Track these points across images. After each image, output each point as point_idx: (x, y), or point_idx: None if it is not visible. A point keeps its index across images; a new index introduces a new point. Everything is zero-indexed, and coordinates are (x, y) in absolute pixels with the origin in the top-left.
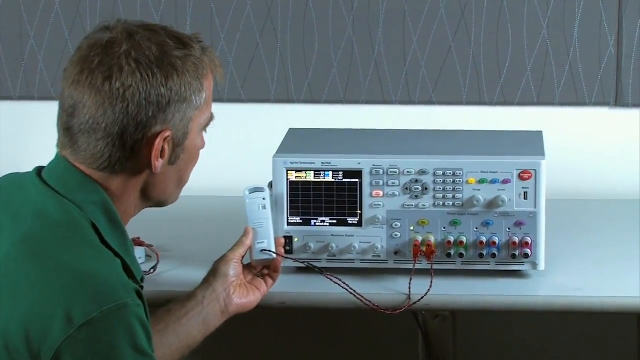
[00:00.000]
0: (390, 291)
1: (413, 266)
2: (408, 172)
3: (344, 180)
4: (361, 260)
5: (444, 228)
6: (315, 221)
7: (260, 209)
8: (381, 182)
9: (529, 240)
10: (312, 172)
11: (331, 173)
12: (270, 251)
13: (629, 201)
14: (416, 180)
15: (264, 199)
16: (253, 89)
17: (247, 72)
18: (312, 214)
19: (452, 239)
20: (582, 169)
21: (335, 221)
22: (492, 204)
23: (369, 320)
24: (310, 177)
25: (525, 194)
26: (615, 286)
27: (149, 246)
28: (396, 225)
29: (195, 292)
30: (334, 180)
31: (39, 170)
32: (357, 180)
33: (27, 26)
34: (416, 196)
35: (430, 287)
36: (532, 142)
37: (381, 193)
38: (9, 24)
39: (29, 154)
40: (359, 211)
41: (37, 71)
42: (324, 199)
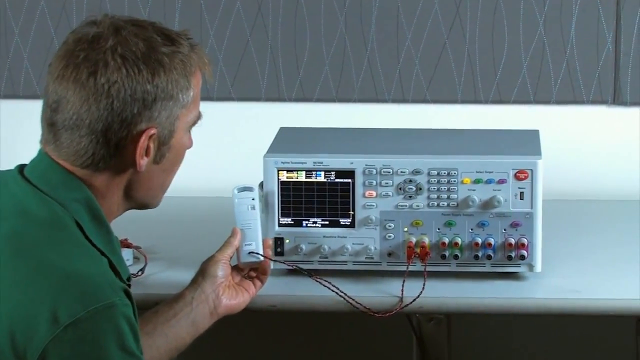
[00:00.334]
0: (383, 294)
1: (407, 268)
2: (402, 172)
3: (336, 180)
4: (354, 262)
5: (439, 229)
6: (307, 222)
7: (249, 209)
8: (374, 182)
9: (525, 241)
10: (304, 172)
11: (323, 173)
12: (258, 254)
13: (627, 201)
14: (410, 181)
15: (253, 199)
16: (243, 87)
17: (237, 69)
18: (303, 215)
19: (446, 240)
20: (579, 169)
21: (327, 222)
22: (488, 204)
23: (361, 324)
24: (302, 177)
25: (522, 194)
26: (613, 288)
27: (137, 248)
28: (389, 226)
29: (183, 293)
30: (326, 180)
31: (21, 167)
32: (349, 180)
33: (12, 23)
34: (410, 196)
35: (422, 289)
36: (528, 141)
37: (374, 193)
38: None
39: (14, 153)
40: (351, 212)
41: (22, 69)
42: (315, 199)
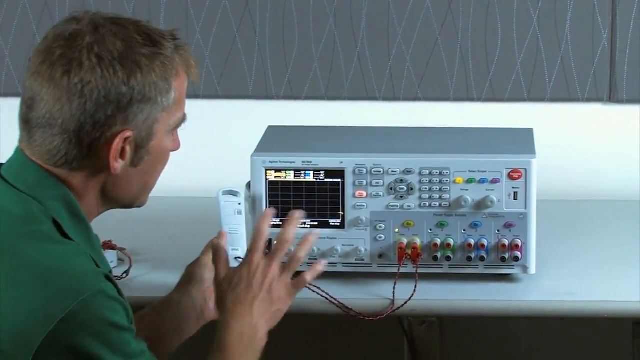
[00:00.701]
0: (373, 296)
1: (398, 270)
2: (392, 171)
3: (326, 180)
4: (343, 263)
5: (431, 230)
6: None
7: (236, 214)
8: (364, 182)
9: (519, 242)
10: (292, 172)
11: (312, 173)
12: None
13: (624, 201)
14: (401, 180)
15: (239, 203)
16: (230, 85)
17: (223, 66)
18: None
19: (438, 241)
20: (574, 168)
21: (316, 223)
22: (481, 204)
23: (352, 327)
24: (290, 176)
25: (515, 194)
26: (609, 290)
27: (121, 250)
28: (380, 227)
29: (169, 297)
30: (315, 180)
31: None
32: (339, 180)
33: None
34: (401, 197)
35: (414, 291)
36: (522, 139)
37: (364, 193)
38: None
39: None
40: (341, 212)
41: (4, 66)
42: (304, 199)
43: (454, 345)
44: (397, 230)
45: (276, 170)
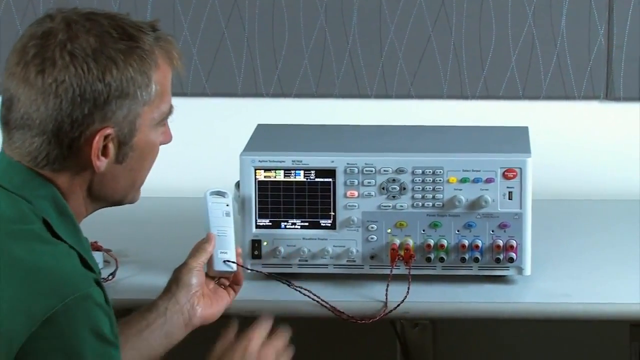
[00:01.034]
0: (365, 298)
1: (390, 271)
2: (385, 170)
3: (316, 179)
4: (335, 265)
5: (424, 231)
6: (286, 224)
7: (224, 215)
8: (356, 182)
9: (514, 243)
10: (282, 171)
11: (302, 172)
12: (233, 262)
13: (620, 201)
14: (393, 180)
15: (227, 205)
16: (218, 82)
17: (212, 64)
18: (282, 216)
19: (432, 242)
20: (570, 167)
21: (306, 224)
22: (475, 204)
23: (343, 330)
24: (280, 176)
25: (510, 193)
26: (606, 292)
27: (107, 251)
28: (372, 227)
29: (156, 302)
30: (305, 179)
31: None
32: (330, 179)
33: None
34: (393, 197)
35: (407, 293)
36: (517, 138)
37: (356, 193)
38: None
39: None
40: (332, 213)
41: None
42: (294, 199)
43: (447, 349)
44: (389, 231)
45: (266, 170)
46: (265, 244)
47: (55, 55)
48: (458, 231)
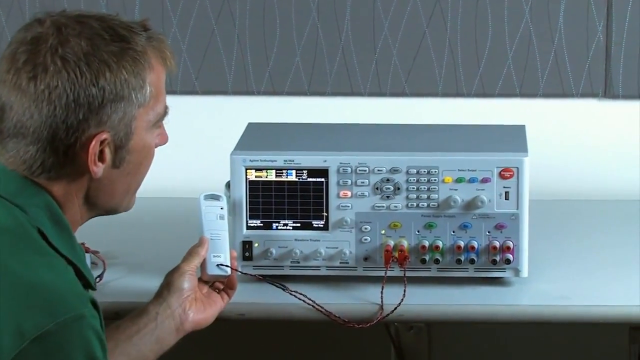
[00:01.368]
0: (359, 301)
1: (384, 273)
2: (378, 170)
3: (309, 179)
4: (327, 267)
5: (418, 232)
6: (277, 225)
7: (218, 219)
8: (349, 182)
9: (510, 244)
10: (274, 171)
11: (294, 172)
12: (227, 266)
13: (620, 201)
14: (387, 180)
15: (221, 208)
16: (208, 80)
17: (201, 61)
18: (273, 217)
19: (426, 243)
20: (568, 166)
21: (299, 224)
22: (471, 205)
23: (336, 332)
24: (272, 176)
25: (507, 194)
26: (604, 294)
27: (95, 252)
28: (366, 228)
29: (147, 307)
30: (297, 179)
31: None
32: (322, 179)
33: None
34: (387, 197)
35: (403, 296)
36: (513, 137)
37: (349, 193)
38: None
39: None
40: (324, 213)
41: None
42: (286, 200)
43: (443, 352)
44: (383, 231)
45: (257, 170)
46: (256, 245)
47: (46, 61)
48: (453, 232)
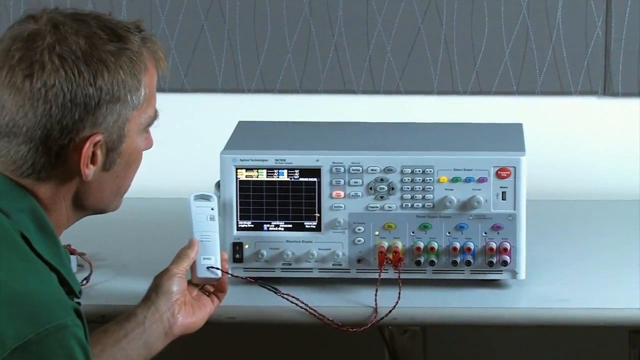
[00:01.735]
0: (353, 304)
1: (379, 276)
2: (372, 170)
3: (301, 179)
4: (320, 269)
5: (413, 233)
6: (269, 226)
7: (208, 220)
8: (342, 182)
9: (507, 245)
10: (265, 171)
11: (286, 171)
12: (217, 269)
13: (620, 201)
14: (381, 179)
15: (212, 209)
16: (198, 77)
17: (191, 58)
18: (264, 218)
19: (421, 244)
20: (566, 166)
21: (290, 225)
22: (467, 205)
23: (329, 336)
24: (263, 176)
25: (504, 194)
26: (604, 296)
27: (81, 254)
28: (359, 229)
29: (135, 311)
30: (289, 179)
31: None
32: (315, 179)
33: None
34: (381, 197)
35: (398, 299)
36: (510, 135)
37: (342, 194)
38: None
39: None
40: (317, 214)
41: None
42: (277, 200)
43: (438, 357)
44: (377, 233)
45: (247, 169)
46: (247, 247)
47: (43, 59)
48: (449, 233)
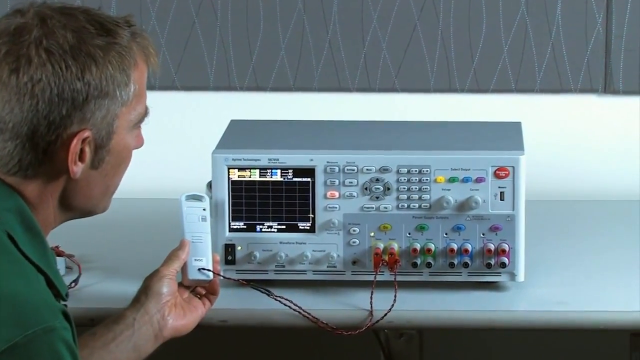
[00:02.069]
0: (348, 307)
1: (374, 278)
2: (367, 169)
3: (294, 179)
4: (314, 271)
5: (409, 234)
6: (261, 227)
7: (200, 220)
8: (337, 182)
9: (506, 247)
10: (258, 170)
11: (279, 171)
12: (209, 270)
13: (621, 201)
14: (377, 179)
15: (204, 209)
16: (189, 75)
17: (182, 55)
18: (257, 219)
19: (418, 246)
20: (566, 165)
21: (284, 227)
22: (464, 205)
23: (323, 340)
24: (255, 176)
25: (502, 194)
26: (604, 299)
27: (70, 256)
28: (354, 230)
29: (124, 313)
30: (282, 179)
31: None
32: (309, 179)
33: None
34: (377, 197)
35: (394, 302)
36: (509, 134)
37: (337, 194)
38: None
39: None
40: (311, 215)
41: None
42: (271, 201)
43: None
44: (372, 234)
45: (240, 169)
46: (239, 248)
47: (30, 53)
48: (446, 234)
